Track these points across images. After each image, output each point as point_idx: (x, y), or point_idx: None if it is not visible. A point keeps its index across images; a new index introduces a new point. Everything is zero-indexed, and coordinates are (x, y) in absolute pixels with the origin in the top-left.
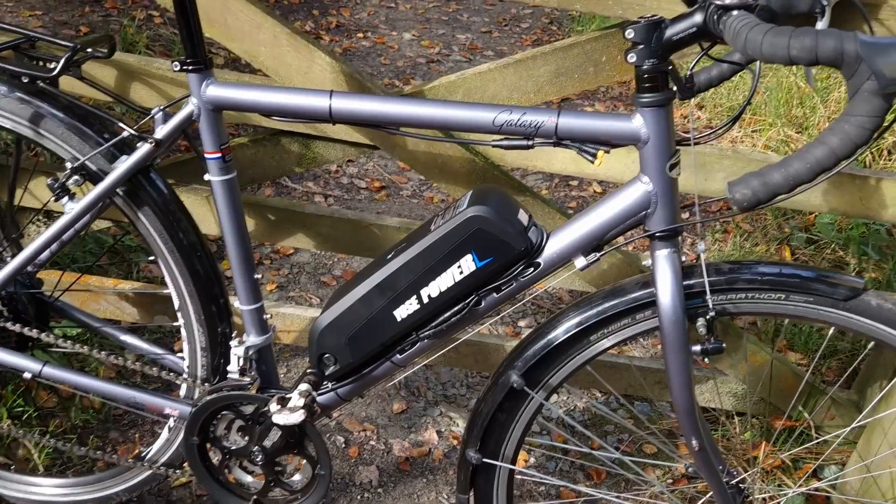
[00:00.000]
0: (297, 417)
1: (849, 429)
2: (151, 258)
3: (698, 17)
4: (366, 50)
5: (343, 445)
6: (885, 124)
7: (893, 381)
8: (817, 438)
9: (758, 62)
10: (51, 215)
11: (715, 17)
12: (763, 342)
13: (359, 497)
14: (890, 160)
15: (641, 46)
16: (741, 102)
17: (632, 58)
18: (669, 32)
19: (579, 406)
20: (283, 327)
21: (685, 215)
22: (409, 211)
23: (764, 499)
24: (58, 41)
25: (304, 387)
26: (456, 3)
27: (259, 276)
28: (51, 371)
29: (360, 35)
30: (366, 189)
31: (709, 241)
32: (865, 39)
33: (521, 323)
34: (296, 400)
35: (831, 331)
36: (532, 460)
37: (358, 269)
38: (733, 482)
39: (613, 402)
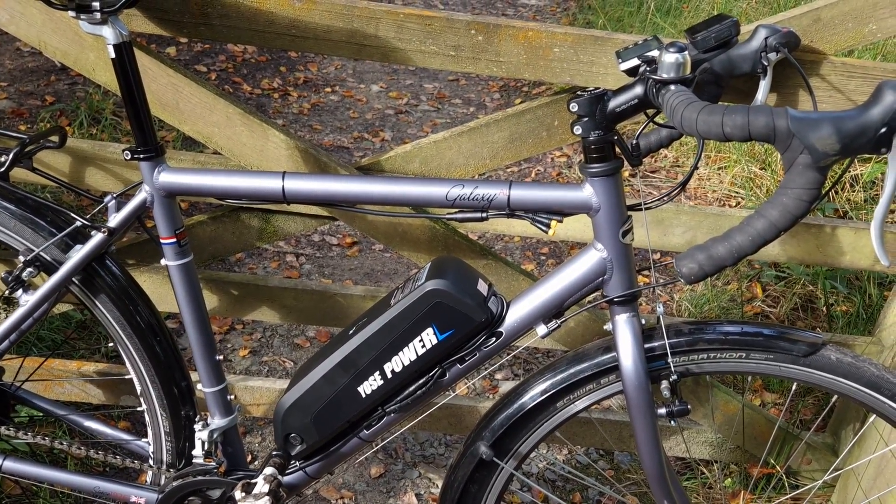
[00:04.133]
0: None
1: (820, 482)
2: (111, 344)
3: (639, 90)
4: (334, 104)
5: None
6: (823, 193)
7: (862, 430)
8: (793, 484)
9: (700, 143)
10: (11, 302)
11: (654, 90)
12: (736, 389)
13: None
14: (853, 192)
15: (586, 119)
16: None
17: (577, 130)
18: (613, 104)
19: (559, 458)
20: (252, 401)
21: (645, 277)
22: (382, 265)
23: None
24: (8, 133)
25: (269, 471)
26: None
27: (220, 357)
28: (12, 465)
29: (329, 89)
30: (338, 245)
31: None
32: (796, 115)
33: (499, 375)
34: (261, 486)
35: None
36: None
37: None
38: None
39: (593, 452)
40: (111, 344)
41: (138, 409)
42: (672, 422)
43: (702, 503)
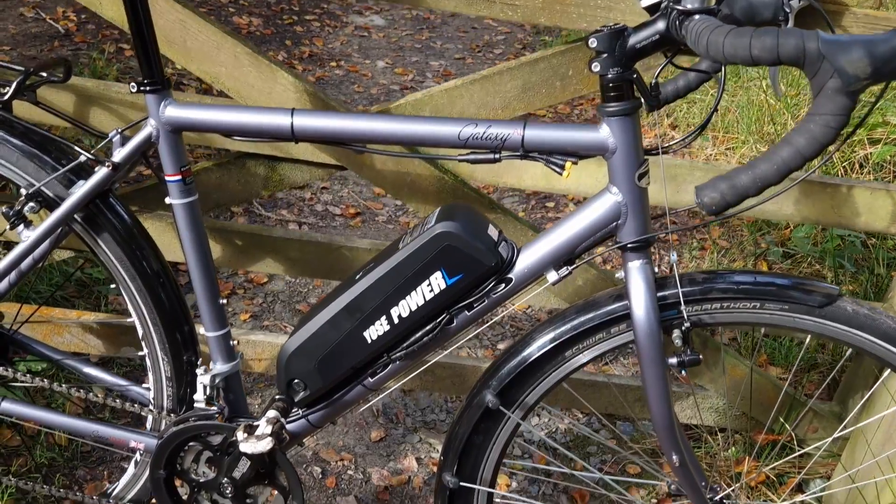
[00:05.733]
0: (265, 445)
1: (830, 439)
2: (113, 286)
3: (661, 24)
4: (339, 78)
5: (320, 476)
6: (852, 123)
7: (873, 390)
8: (800, 451)
9: (723, 70)
10: (8, 247)
11: (677, 22)
12: (743, 357)
13: None
14: (861, 173)
15: (605, 55)
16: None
17: (596, 67)
18: (633, 40)
19: (561, 428)
20: (254, 355)
21: (657, 227)
22: (385, 237)
23: None
24: (10, 66)
25: (271, 414)
26: (429, 32)
27: (224, 301)
28: (10, 406)
29: (334, 64)
30: (340, 216)
31: (686, 259)
32: (826, 37)
33: (501, 346)
34: (263, 427)
35: (808, 340)
36: (514, 484)
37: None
38: (717, 498)
39: (595, 422)
40: (113, 286)
41: (139, 353)
42: (683, 371)
43: (707, 470)
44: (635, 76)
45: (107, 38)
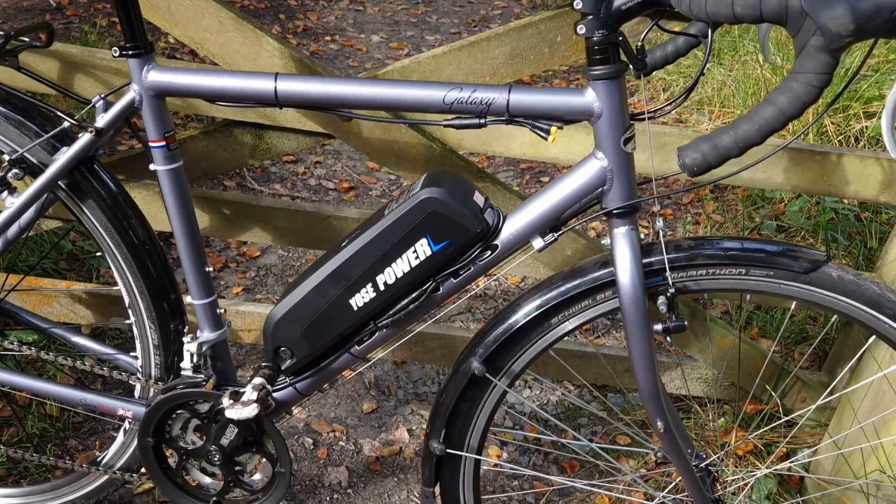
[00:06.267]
0: (251, 411)
1: (815, 405)
2: (98, 253)
3: None
4: (333, 53)
5: (312, 447)
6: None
7: (858, 355)
8: (788, 421)
9: (709, 34)
10: None
11: None
12: (734, 328)
13: (328, 499)
14: (857, 147)
15: (590, 17)
16: (702, 91)
17: (581, 29)
18: (618, 2)
19: (553, 399)
20: (244, 326)
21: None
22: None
23: (734, 481)
24: None
25: (258, 380)
26: (424, 6)
27: (210, 268)
28: None
29: (328, 38)
30: (334, 190)
31: (679, 233)
32: None
33: None
34: (249, 394)
35: (793, 306)
36: (505, 455)
37: None
38: (703, 465)
39: (586, 394)
40: (99, 253)
41: (126, 321)
42: (668, 338)
43: (696, 440)
44: (621, 39)
45: (99, 11)
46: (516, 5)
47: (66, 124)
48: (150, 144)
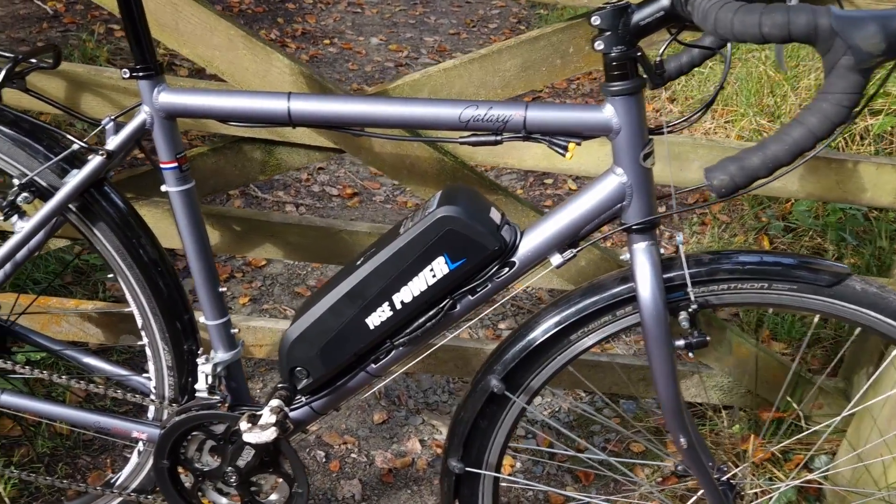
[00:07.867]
0: (269, 435)
1: (839, 418)
2: (111, 275)
3: (666, 1)
4: (332, 56)
5: (324, 460)
6: (864, 101)
7: (881, 368)
8: (806, 429)
9: (728, 46)
10: (4, 236)
11: None
12: (746, 333)
13: None
14: (862, 145)
15: (608, 33)
16: (713, 93)
17: (599, 45)
18: (637, 17)
19: (564, 407)
20: (255, 341)
21: (661, 208)
22: (383, 217)
23: (756, 493)
24: None
25: (275, 403)
26: (423, 7)
27: (224, 289)
28: (10, 399)
29: (327, 41)
30: (338, 196)
31: (686, 234)
32: (839, 13)
33: (502, 325)
34: (267, 417)
35: (816, 319)
36: (518, 465)
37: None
38: (724, 478)
39: (598, 401)
40: (111, 275)
41: (139, 343)
42: (690, 353)
43: (712, 448)
44: (639, 54)
45: (96, 18)
46: (514, 4)
47: (75, 147)
48: (162, 166)
